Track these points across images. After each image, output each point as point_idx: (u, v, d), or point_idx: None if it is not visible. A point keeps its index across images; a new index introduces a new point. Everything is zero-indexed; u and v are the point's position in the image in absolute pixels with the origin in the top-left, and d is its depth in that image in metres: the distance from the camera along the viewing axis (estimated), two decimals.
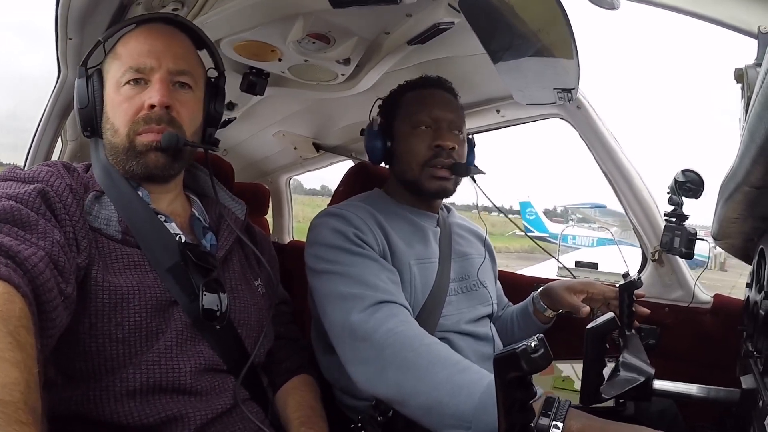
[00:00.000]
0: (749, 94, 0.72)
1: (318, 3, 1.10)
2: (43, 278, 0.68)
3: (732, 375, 1.02)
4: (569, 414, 0.70)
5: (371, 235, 1.13)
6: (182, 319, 0.89)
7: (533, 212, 23.93)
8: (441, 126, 1.24)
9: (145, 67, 0.93)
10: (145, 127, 0.92)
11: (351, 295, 1.03)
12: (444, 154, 1.22)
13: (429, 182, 1.23)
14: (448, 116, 1.25)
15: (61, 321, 0.72)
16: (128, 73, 0.93)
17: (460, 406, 0.82)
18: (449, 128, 1.24)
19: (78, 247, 0.81)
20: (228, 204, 1.11)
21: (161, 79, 0.93)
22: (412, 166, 1.24)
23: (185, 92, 0.97)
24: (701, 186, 1.20)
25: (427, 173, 1.23)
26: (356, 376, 0.99)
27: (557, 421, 0.69)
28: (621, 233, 12.28)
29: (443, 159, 1.22)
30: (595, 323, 0.80)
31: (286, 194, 2.71)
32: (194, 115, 0.99)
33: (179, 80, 0.96)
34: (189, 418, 0.85)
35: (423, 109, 1.25)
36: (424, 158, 1.22)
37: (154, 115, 0.92)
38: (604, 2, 0.92)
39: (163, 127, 0.92)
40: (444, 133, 1.23)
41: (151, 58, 0.93)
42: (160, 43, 0.95)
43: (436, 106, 1.25)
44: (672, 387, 0.91)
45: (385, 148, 1.29)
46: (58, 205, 0.81)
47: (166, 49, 0.95)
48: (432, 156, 1.22)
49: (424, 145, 1.23)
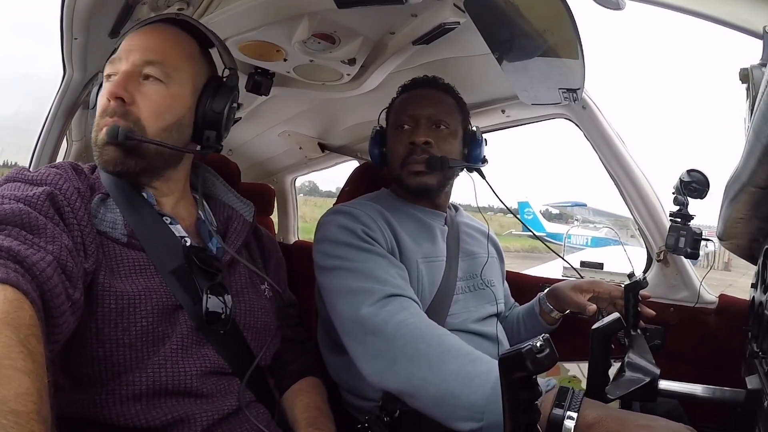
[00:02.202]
0: (754, 94, 0.72)
1: (323, 3, 1.10)
2: (51, 284, 0.66)
3: (737, 375, 1.01)
4: (584, 404, 0.69)
5: (379, 232, 1.13)
6: (187, 323, 0.88)
7: (531, 212, 24.05)
8: (418, 123, 1.25)
9: (118, 61, 0.91)
10: (100, 121, 0.90)
11: (361, 289, 1.02)
12: (418, 150, 1.22)
13: (408, 179, 1.24)
14: (427, 111, 1.25)
15: (68, 327, 0.71)
16: (107, 70, 0.92)
17: (471, 396, 0.81)
18: (427, 123, 1.25)
19: (86, 252, 0.80)
20: (235, 205, 1.10)
21: (123, 71, 0.90)
22: (394, 165, 1.27)
23: (151, 84, 0.91)
24: (706, 186, 1.20)
25: (405, 171, 1.24)
26: (367, 371, 0.98)
27: (572, 411, 0.68)
28: (607, 232, 12.29)
29: (416, 155, 1.23)
30: (600, 323, 0.80)
31: (292, 194, 2.71)
32: (161, 109, 0.92)
33: (146, 72, 0.91)
34: (195, 419, 0.85)
35: (403, 110, 1.28)
36: (402, 157, 1.24)
37: (109, 108, 0.89)
38: (609, 2, 0.92)
39: (115, 120, 0.88)
40: (420, 129, 1.24)
41: (123, 53, 0.91)
42: (141, 40, 0.93)
43: (416, 105, 1.27)
44: (677, 387, 0.91)
45: (381, 154, 1.33)
46: (67, 209, 0.79)
47: (141, 43, 0.92)
48: (408, 153, 1.23)
49: (402, 144, 1.25)
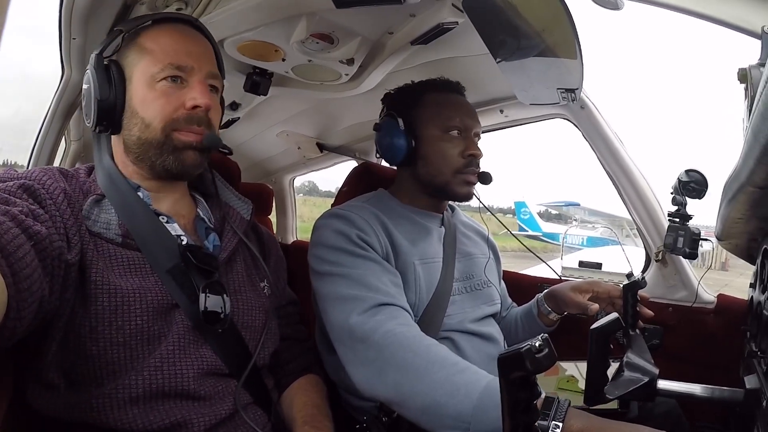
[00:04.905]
0: (753, 94, 0.72)
1: (321, 3, 1.10)
2: (9, 233, 0.66)
3: (735, 375, 1.02)
4: (569, 413, 0.70)
5: (374, 237, 1.13)
6: (184, 323, 0.88)
7: (527, 212, 24.14)
8: (470, 134, 1.26)
9: (186, 66, 0.92)
10: (185, 127, 0.92)
11: (351, 297, 1.03)
12: (475, 163, 1.25)
13: (461, 188, 1.25)
14: (476, 126, 1.28)
15: (36, 294, 0.69)
16: (167, 70, 0.91)
17: (458, 406, 0.82)
18: (475, 137, 1.28)
19: (69, 242, 0.80)
20: (233, 204, 1.10)
21: (201, 81, 0.93)
22: (443, 170, 1.24)
23: (215, 96, 0.98)
24: (705, 186, 1.20)
25: (459, 179, 1.24)
26: (356, 378, 0.99)
27: (557, 420, 0.68)
28: (603, 232, 12.32)
29: (475, 168, 1.25)
30: (599, 323, 0.80)
31: (290, 194, 2.71)
32: (219, 120, 1.01)
33: (212, 83, 0.96)
34: (193, 423, 0.84)
35: (455, 115, 1.25)
36: (458, 165, 1.24)
37: (196, 117, 0.92)
38: (608, 2, 0.92)
39: (203, 129, 0.93)
40: (472, 141, 1.26)
41: (191, 59, 0.93)
42: (195, 45, 0.95)
43: (467, 114, 1.27)
44: (676, 387, 0.91)
45: (409, 149, 1.25)
46: (45, 196, 0.80)
47: (202, 52, 0.96)
48: (465, 164, 1.24)
49: (457, 151, 1.24)
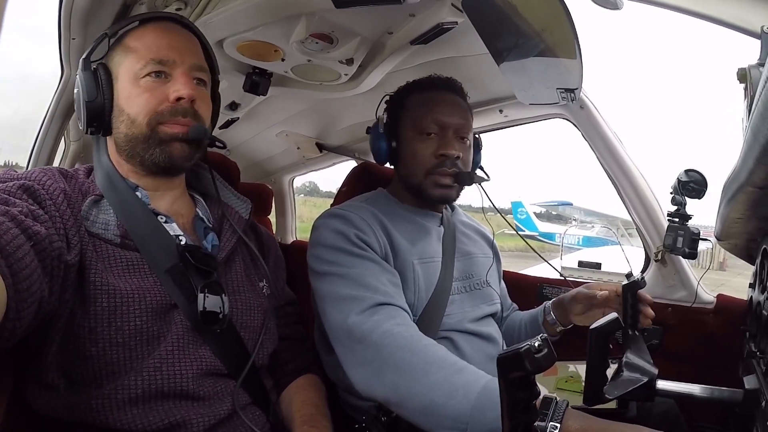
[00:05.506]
0: (752, 93, 0.72)
1: (321, 3, 1.09)
2: (9, 233, 0.67)
3: (735, 375, 1.01)
4: (567, 414, 0.69)
5: (373, 237, 1.13)
6: (183, 323, 0.88)
7: (524, 212, 24.17)
8: (447, 133, 1.21)
9: (168, 60, 0.92)
10: (170, 119, 0.91)
11: (350, 297, 1.02)
12: (448, 163, 1.20)
13: (432, 190, 1.22)
14: (455, 122, 1.22)
15: (36, 294, 0.70)
16: (149, 66, 0.91)
17: (456, 407, 0.81)
18: (455, 134, 1.22)
19: (68, 243, 0.80)
20: (232, 203, 1.09)
21: (185, 73, 0.93)
22: (416, 172, 1.23)
23: (202, 88, 0.98)
24: (704, 186, 1.20)
25: (430, 181, 1.21)
26: (354, 378, 0.98)
27: (555, 421, 0.68)
28: (599, 232, 12.32)
29: (447, 168, 1.20)
30: (598, 323, 0.80)
31: (289, 194, 2.71)
32: (209, 111, 1.00)
33: (197, 76, 0.96)
34: (192, 424, 0.85)
35: (428, 114, 1.22)
36: (429, 166, 1.21)
37: (181, 108, 0.92)
38: (607, 2, 0.92)
39: (189, 120, 0.93)
40: (449, 140, 1.21)
41: (173, 52, 0.93)
42: (178, 39, 0.96)
43: (443, 112, 1.22)
44: (675, 387, 0.91)
45: (389, 149, 1.27)
46: (45, 196, 0.80)
47: (185, 45, 0.96)
48: (436, 164, 1.20)
49: (429, 152, 1.21)
